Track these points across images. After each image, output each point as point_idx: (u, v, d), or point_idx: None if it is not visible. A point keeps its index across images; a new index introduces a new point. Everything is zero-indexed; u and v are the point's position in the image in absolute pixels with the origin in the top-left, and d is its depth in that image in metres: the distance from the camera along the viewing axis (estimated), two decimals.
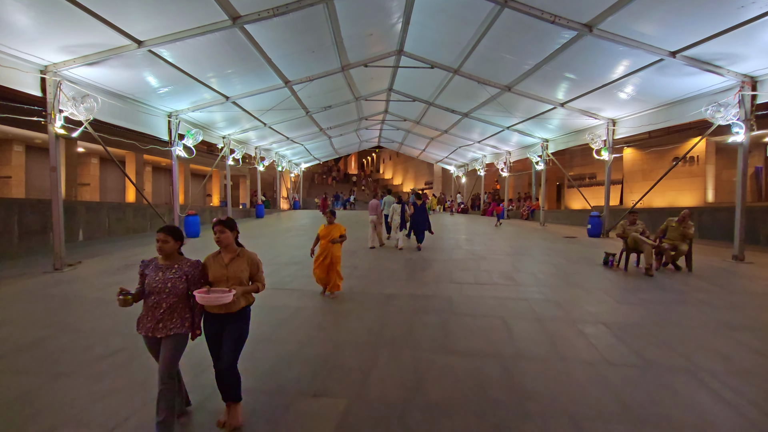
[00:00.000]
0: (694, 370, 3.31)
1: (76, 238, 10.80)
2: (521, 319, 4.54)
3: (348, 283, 6.17)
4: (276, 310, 4.80)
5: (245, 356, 3.54)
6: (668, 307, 5.00)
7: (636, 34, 7.44)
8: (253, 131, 16.13)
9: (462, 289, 5.84)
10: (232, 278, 2.70)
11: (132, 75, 8.58)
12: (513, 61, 10.16)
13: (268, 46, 8.85)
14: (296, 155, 25.62)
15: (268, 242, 10.95)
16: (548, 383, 3.11)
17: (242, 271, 2.74)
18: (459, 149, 22.96)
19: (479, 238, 12.28)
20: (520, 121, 14.63)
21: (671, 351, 3.70)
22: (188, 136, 11.75)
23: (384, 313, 4.77)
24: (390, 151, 43.55)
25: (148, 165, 22.27)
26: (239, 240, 2.88)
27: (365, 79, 13.59)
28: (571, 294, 5.65)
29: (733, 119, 7.84)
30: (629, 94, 10.00)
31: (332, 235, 5.39)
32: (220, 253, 2.80)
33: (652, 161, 18.62)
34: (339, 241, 5.41)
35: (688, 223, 7.06)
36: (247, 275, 2.77)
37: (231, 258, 2.76)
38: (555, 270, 7.17)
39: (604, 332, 4.15)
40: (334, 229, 5.45)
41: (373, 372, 3.27)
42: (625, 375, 3.24)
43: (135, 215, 12.96)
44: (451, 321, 4.46)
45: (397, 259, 8.21)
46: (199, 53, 8.42)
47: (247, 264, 2.78)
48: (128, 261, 8.00)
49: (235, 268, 2.73)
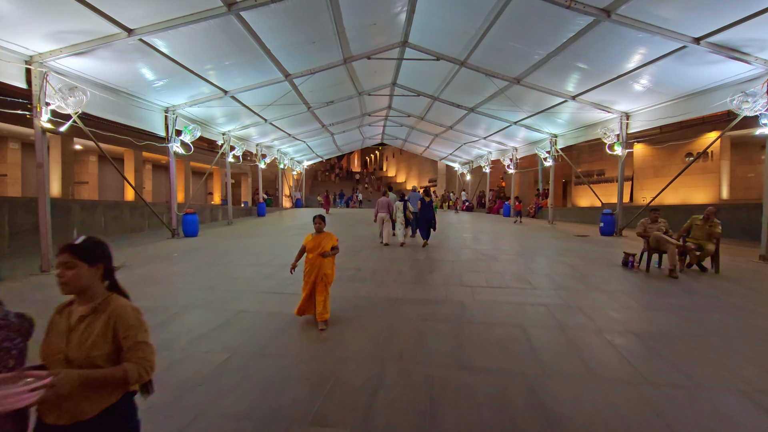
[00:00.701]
0: (749, 391, 2.88)
1: (70, 237, 10.43)
2: (542, 327, 4.12)
3: (351, 286, 5.77)
4: (272, 318, 4.39)
5: (234, 373, 3.15)
6: (702, 313, 4.56)
7: (657, 20, 6.96)
8: (253, 127, 15.73)
9: (474, 293, 5.41)
10: (76, 355, 1.45)
11: (124, 67, 8.18)
12: (523, 52, 9.68)
13: (266, 35, 8.43)
14: (298, 152, 25.22)
15: (269, 242, 10.56)
16: (583, 408, 2.68)
17: (93, 343, 1.47)
18: (464, 146, 22.48)
19: (487, 236, 11.85)
20: (528, 116, 14.14)
21: (717, 367, 3.27)
22: (186, 132, 11.37)
23: (390, 320, 4.35)
24: (393, 148, 43.10)
25: (148, 162, 21.94)
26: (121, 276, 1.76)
27: (368, 72, 13.14)
28: (592, 298, 5.21)
29: (761, 110, 7.35)
30: (645, 85, 9.50)
31: (323, 246, 4.24)
32: (71, 305, 1.59)
33: (663, 157, 18.07)
34: (331, 254, 4.28)
35: (714, 221, 6.60)
36: (106, 350, 1.49)
37: (84, 315, 1.53)
38: (572, 271, 6.73)
39: (636, 343, 3.72)
40: (325, 239, 4.30)
41: (379, 393, 2.86)
42: (671, 397, 2.81)
43: (132, 214, 12.62)
44: (465, 330, 4.04)
45: (403, 260, 7.79)
46: (194, 44, 8.01)
47: (107, 327, 1.51)
48: (120, 262, 7.56)
49: (80, 338, 1.48)
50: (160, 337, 3.93)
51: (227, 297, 5.21)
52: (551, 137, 15.41)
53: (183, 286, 5.88)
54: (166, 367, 3.26)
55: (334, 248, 4.32)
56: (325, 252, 4.22)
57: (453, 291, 5.53)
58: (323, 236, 4.33)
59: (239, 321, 4.33)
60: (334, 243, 4.33)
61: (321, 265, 4.22)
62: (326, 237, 4.33)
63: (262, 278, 6.19)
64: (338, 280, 6.07)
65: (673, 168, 17.32)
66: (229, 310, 4.65)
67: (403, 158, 44.12)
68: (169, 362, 3.37)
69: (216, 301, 5.10)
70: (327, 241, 4.30)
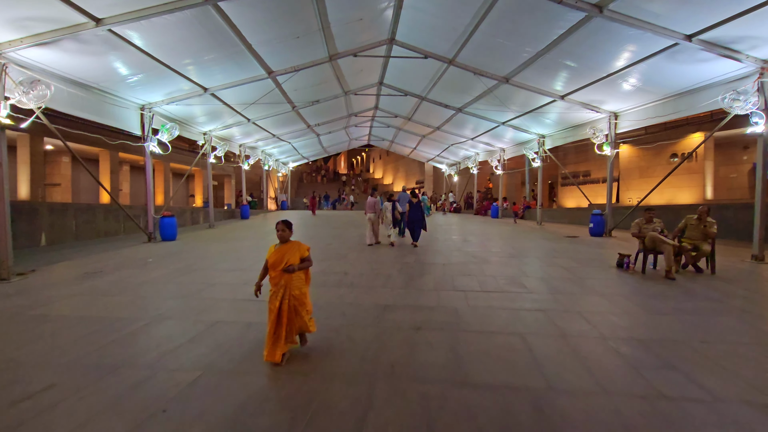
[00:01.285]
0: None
1: (38, 242, 9.83)
2: (543, 336, 3.84)
3: (337, 292, 5.42)
4: (250, 329, 4.01)
5: (204, 395, 2.77)
6: (705, 317, 4.35)
7: (650, 15, 6.83)
8: (236, 127, 15.25)
9: (467, 298, 5.12)
10: None
11: (95, 60, 7.68)
12: (512, 49, 9.50)
13: (247, 29, 8.04)
14: (283, 154, 24.73)
15: (251, 245, 10.12)
16: (596, 428, 2.40)
17: None
18: (451, 147, 22.35)
19: (476, 238, 11.62)
20: (516, 116, 14.03)
21: (732, 377, 3.03)
22: (163, 130, 10.85)
23: (380, 330, 4.02)
24: (380, 150, 42.89)
25: (126, 164, 21.16)
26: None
27: (355, 71, 12.83)
28: (591, 302, 4.97)
29: (752, 108, 7.28)
30: (635, 84, 9.42)
31: (288, 259, 3.34)
32: None
33: (649, 158, 18.23)
34: (301, 268, 3.42)
35: (708, 220, 6.47)
36: None
37: None
38: (566, 274, 6.51)
39: (644, 352, 3.47)
40: (291, 250, 3.40)
41: (369, 417, 2.52)
42: (691, 415, 2.55)
43: (106, 217, 12.00)
44: (461, 340, 3.74)
45: (392, 263, 7.47)
46: (169, 37, 7.58)
47: None
48: (89, 269, 7.12)
49: None
50: (125, 352, 3.53)
51: (202, 306, 4.80)
52: (539, 138, 15.33)
53: (155, 295, 5.43)
54: (127, 389, 2.87)
55: (304, 260, 3.44)
56: (291, 266, 3.31)
57: (445, 296, 5.23)
58: (289, 246, 3.44)
59: (213, 333, 3.93)
60: (304, 253, 3.45)
61: (288, 285, 3.32)
62: (293, 247, 3.43)
63: (242, 284, 5.79)
64: (323, 286, 5.75)
65: (659, 169, 17.48)
66: (203, 321, 4.25)
67: (390, 160, 43.89)
68: (132, 383, 2.97)
69: (189, 310, 4.68)
70: (294, 252, 3.40)
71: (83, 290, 5.64)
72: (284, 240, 3.46)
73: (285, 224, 3.45)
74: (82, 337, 3.88)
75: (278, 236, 3.45)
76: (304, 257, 3.46)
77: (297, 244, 3.49)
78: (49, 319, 4.44)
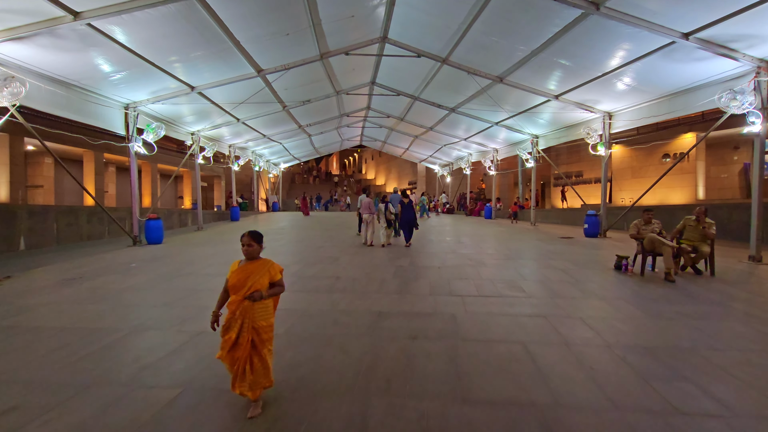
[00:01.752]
0: None
1: (17, 247, 9.43)
2: (546, 344, 3.65)
3: (330, 298, 5.19)
4: None
5: (182, 417, 2.46)
6: (712, 322, 4.21)
7: (647, 13, 6.71)
8: (225, 127, 14.91)
9: (465, 303, 4.93)
10: None
11: (75, 57, 7.37)
12: (507, 48, 9.35)
13: (234, 25, 7.78)
14: (274, 154, 24.38)
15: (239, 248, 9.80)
16: None
17: None
18: (444, 147, 22.22)
19: (471, 240, 11.46)
20: (509, 116, 13.91)
21: (748, 388, 2.87)
22: (148, 130, 10.51)
23: (374, 339, 3.80)
24: (372, 151, 42.69)
25: (112, 165, 20.66)
26: None
27: (346, 69, 12.60)
28: (592, 307, 4.81)
29: (749, 108, 7.21)
30: (629, 84, 9.33)
31: (254, 282, 2.65)
32: None
33: (641, 158, 18.27)
34: (271, 295, 2.72)
35: (707, 221, 6.36)
36: None
37: None
38: (564, 276, 6.35)
39: (652, 361, 3.30)
40: (259, 270, 2.70)
41: None
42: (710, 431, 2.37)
43: (90, 220, 11.59)
44: (460, 349, 3.53)
45: (385, 267, 7.26)
46: (152, 32, 7.28)
47: None
48: (69, 274, 6.79)
49: None
50: (99, 368, 3.27)
51: (185, 315, 4.54)
52: (533, 138, 15.24)
53: (136, 302, 5.15)
54: (97, 411, 2.61)
55: (274, 285, 2.74)
56: (257, 293, 2.61)
57: (442, 302, 5.02)
58: (257, 266, 2.71)
59: (196, 345, 3.68)
60: (274, 277, 2.72)
61: (248, 314, 2.62)
62: (261, 267, 2.71)
63: None
64: (315, 291, 5.52)
65: (651, 169, 17.53)
66: (186, 332, 4.00)
67: (382, 160, 43.70)
68: (103, 403, 2.72)
69: (172, 319, 4.42)
70: (262, 273, 2.68)
71: (60, 298, 5.34)
72: (251, 257, 2.73)
73: (252, 237, 2.74)
74: (53, 351, 3.60)
75: (244, 252, 2.74)
76: (274, 281, 2.73)
77: (267, 263, 2.74)
78: (20, 330, 4.14)
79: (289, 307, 4.80)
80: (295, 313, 4.57)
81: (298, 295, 5.35)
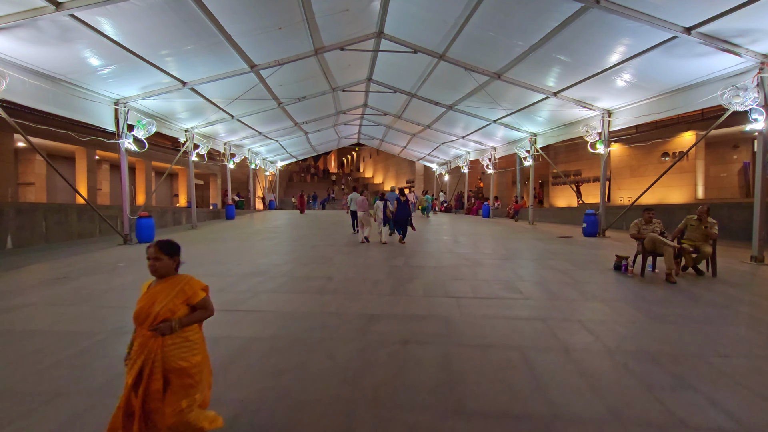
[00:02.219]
0: None
1: (3, 245, 9.22)
2: (544, 350, 3.47)
3: (320, 300, 5.00)
4: (215, 346, 3.55)
5: None
6: (717, 327, 4.04)
7: (648, 6, 6.54)
8: (220, 124, 14.70)
9: (460, 305, 4.75)
10: None
11: (61, 50, 7.16)
12: (505, 44, 9.17)
13: (225, 17, 7.57)
14: (271, 152, 24.15)
15: (233, 247, 9.63)
16: None
17: None
18: (442, 146, 22.04)
19: (468, 239, 11.29)
20: (507, 114, 13.74)
21: (758, 399, 2.70)
22: (139, 127, 10.28)
23: (364, 344, 3.62)
24: (370, 149, 42.47)
25: (105, 162, 20.40)
26: None
27: (342, 65, 12.40)
28: (592, 310, 4.64)
29: (752, 105, 7.04)
30: (629, 80, 9.16)
31: (161, 308, 1.97)
32: None
33: (640, 157, 18.12)
34: (189, 323, 2.02)
35: (709, 220, 6.19)
36: None
37: None
38: (563, 277, 6.18)
39: (656, 369, 3.12)
40: (169, 290, 2.02)
41: None
42: None
43: (80, 218, 11.37)
44: (454, 355, 3.35)
45: (380, 267, 7.08)
46: (139, 25, 7.08)
47: None
48: (54, 274, 6.59)
49: None
50: (69, 375, 3.08)
51: None
52: (531, 136, 15.06)
53: (119, 304, 4.94)
54: (66, 421, 2.43)
55: (197, 306, 2.05)
56: (164, 325, 1.93)
57: (436, 303, 4.85)
58: (167, 286, 2.03)
59: None
60: (192, 299, 2.03)
61: (157, 353, 1.92)
62: (173, 287, 2.02)
63: (215, 291, 5.25)
64: (305, 293, 5.33)
65: (650, 168, 17.38)
66: None
67: (380, 159, 43.49)
68: (67, 417, 2.52)
69: None
70: (174, 295, 2.00)
71: (42, 298, 5.14)
72: (160, 274, 2.04)
73: (161, 247, 2.03)
74: (24, 357, 3.41)
75: (149, 268, 2.02)
76: (193, 303, 2.04)
77: (181, 280, 2.06)
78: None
79: (276, 310, 4.63)
80: (281, 316, 4.39)
81: (288, 297, 5.17)
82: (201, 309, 2.08)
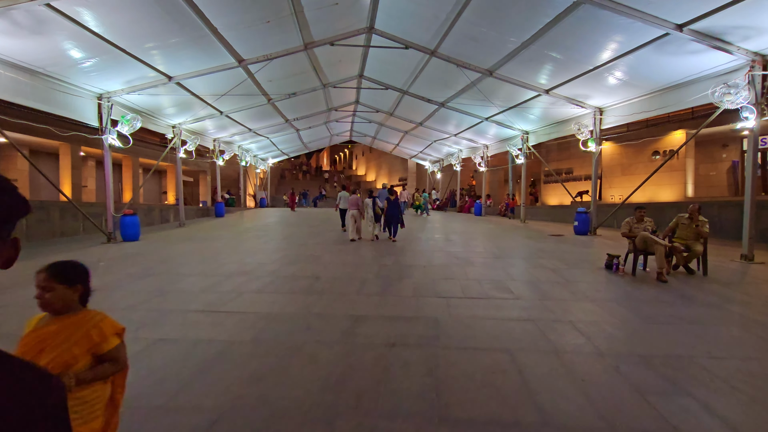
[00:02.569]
0: None
1: None
2: (534, 352, 3.38)
3: (305, 301, 4.86)
4: (196, 349, 3.42)
5: None
6: (709, 327, 3.98)
7: (641, 3, 6.47)
8: (209, 120, 14.42)
9: (449, 306, 4.64)
10: None
11: (36, 42, 6.89)
12: (497, 40, 9.07)
13: (210, 10, 7.37)
14: (262, 149, 23.86)
15: (220, 246, 9.43)
16: None
17: None
18: (434, 143, 21.95)
19: (459, 237, 11.21)
20: (499, 111, 13.66)
21: (752, 403, 2.62)
22: (123, 122, 10.02)
23: (348, 347, 3.49)
24: (363, 146, 42.24)
25: (91, 159, 19.96)
26: None
27: (333, 61, 12.22)
28: (583, 310, 4.56)
29: (743, 103, 7.02)
30: (621, 78, 9.12)
31: (53, 360, 1.42)
32: None
33: (631, 155, 18.18)
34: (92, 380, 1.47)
35: (700, 219, 6.16)
36: None
37: None
38: (554, 276, 6.10)
39: (648, 372, 3.04)
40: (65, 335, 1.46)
41: None
42: None
43: (63, 216, 11.08)
44: (441, 359, 3.24)
45: (369, 266, 6.95)
46: (120, 16, 6.86)
47: None
48: (31, 275, 6.32)
49: None
50: None
51: (145, 319, 4.17)
52: (523, 134, 15.01)
53: (95, 306, 4.75)
54: None
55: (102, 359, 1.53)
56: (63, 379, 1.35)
57: (425, 304, 4.73)
58: (63, 327, 1.50)
59: (150, 355, 3.33)
60: (100, 345, 1.52)
61: None
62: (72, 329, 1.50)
63: (198, 292, 5.16)
64: (290, 293, 5.19)
65: (640, 166, 17.44)
66: (142, 339, 3.64)
67: (372, 156, 43.30)
68: None
69: (131, 325, 4.03)
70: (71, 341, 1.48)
71: (13, 301, 4.92)
72: (55, 310, 1.52)
73: (52, 274, 1.50)
74: None
75: (38, 301, 1.50)
76: (101, 353, 1.52)
77: (87, 320, 1.54)
78: None
79: (259, 311, 4.47)
80: (265, 317, 4.24)
81: (272, 297, 5.01)
82: (110, 361, 1.53)
